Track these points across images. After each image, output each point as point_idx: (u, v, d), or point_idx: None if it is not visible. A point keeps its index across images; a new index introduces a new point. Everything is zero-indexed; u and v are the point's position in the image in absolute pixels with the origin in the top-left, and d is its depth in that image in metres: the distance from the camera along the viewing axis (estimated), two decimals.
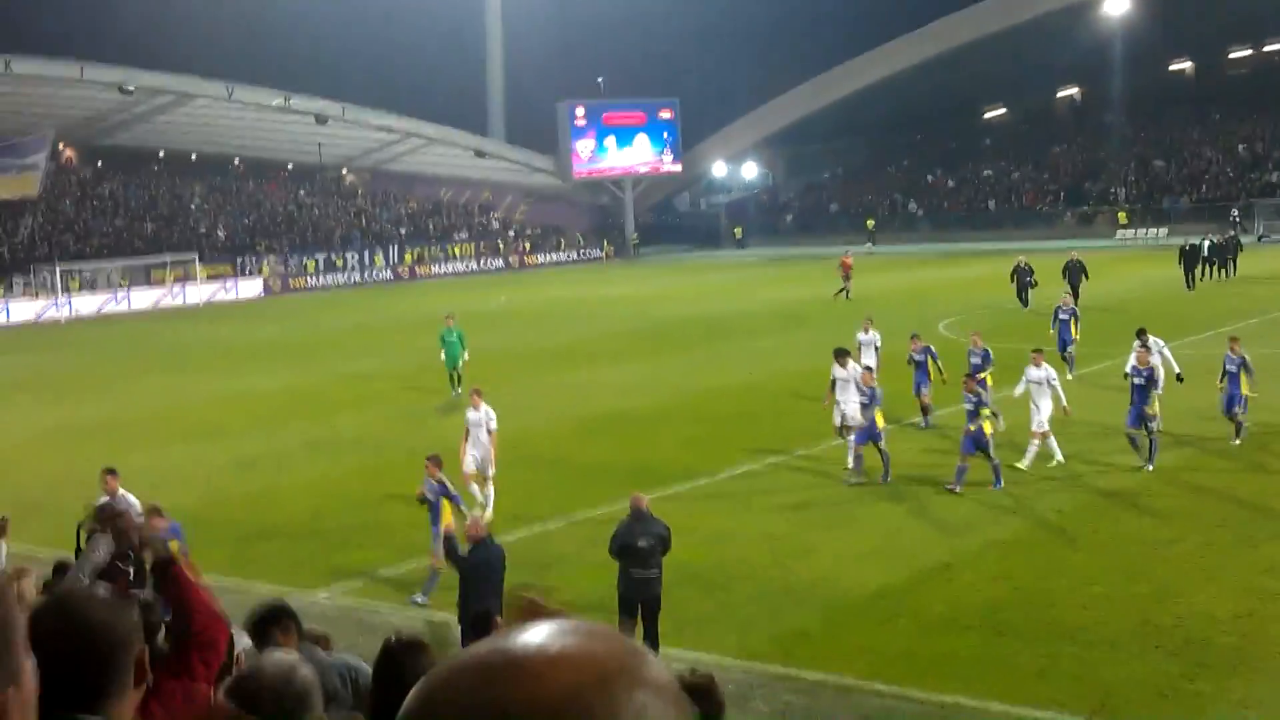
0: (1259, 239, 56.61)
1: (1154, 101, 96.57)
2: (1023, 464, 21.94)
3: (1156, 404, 22.00)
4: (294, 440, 28.83)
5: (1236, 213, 74.77)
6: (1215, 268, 53.30)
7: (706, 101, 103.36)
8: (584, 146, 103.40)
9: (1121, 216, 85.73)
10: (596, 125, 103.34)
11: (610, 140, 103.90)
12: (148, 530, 5.87)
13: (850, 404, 22.86)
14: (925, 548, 18.27)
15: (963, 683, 13.39)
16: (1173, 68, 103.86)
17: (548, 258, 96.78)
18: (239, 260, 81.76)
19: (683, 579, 17.35)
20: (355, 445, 28.09)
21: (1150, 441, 21.74)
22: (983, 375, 24.10)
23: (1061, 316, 31.83)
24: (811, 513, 20.30)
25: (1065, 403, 22.66)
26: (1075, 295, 43.32)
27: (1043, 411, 22.30)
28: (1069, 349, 31.03)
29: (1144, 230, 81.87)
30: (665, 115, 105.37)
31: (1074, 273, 45.12)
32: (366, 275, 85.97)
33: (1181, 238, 58.41)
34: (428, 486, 17.71)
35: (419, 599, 17.14)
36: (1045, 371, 22.73)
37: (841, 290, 53.54)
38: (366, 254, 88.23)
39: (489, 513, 20.55)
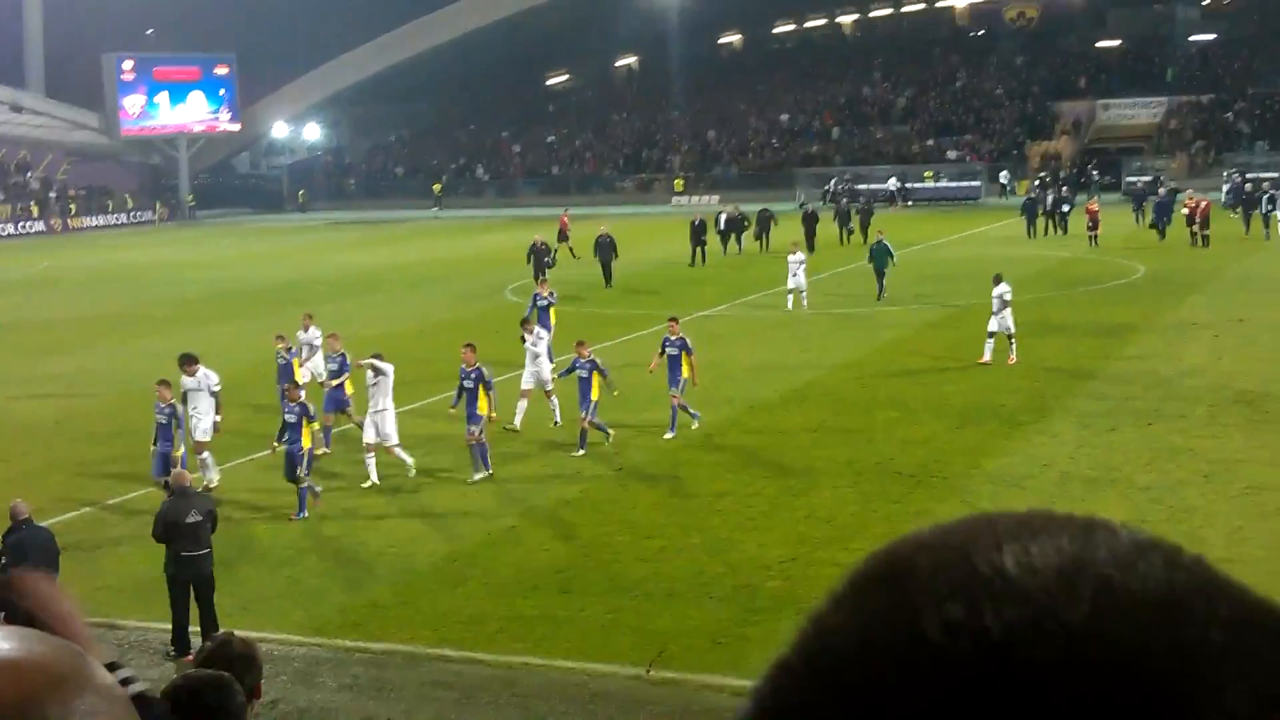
0: (799, 206, 60.24)
1: (706, 72, 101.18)
2: (369, 480, 19.88)
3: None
4: None
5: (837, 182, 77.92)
6: (732, 240, 51.70)
7: (266, 58, 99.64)
8: (133, 103, 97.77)
9: (678, 184, 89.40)
10: (147, 80, 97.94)
11: (162, 96, 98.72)
12: None
13: (205, 416, 20.14)
14: (493, 511, 18.45)
15: (531, 643, 13.63)
16: (722, 40, 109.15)
17: (95, 220, 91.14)
18: None
19: (245, 557, 16.83)
20: None
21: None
22: (338, 382, 22.18)
23: (540, 303, 29.14)
24: (379, 482, 20.02)
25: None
26: (607, 274, 42.49)
27: (386, 421, 20.02)
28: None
29: (698, 197, 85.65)
30: (221, 71, 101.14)
31: (604, 250, 43.10)
32: None
33: (733, 204, 61.29)
34: None
35: None
36: (385, 370, 20.25)
37: (557, 249, 48.88)
38: None
39: None
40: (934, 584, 0.72)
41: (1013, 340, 26.95)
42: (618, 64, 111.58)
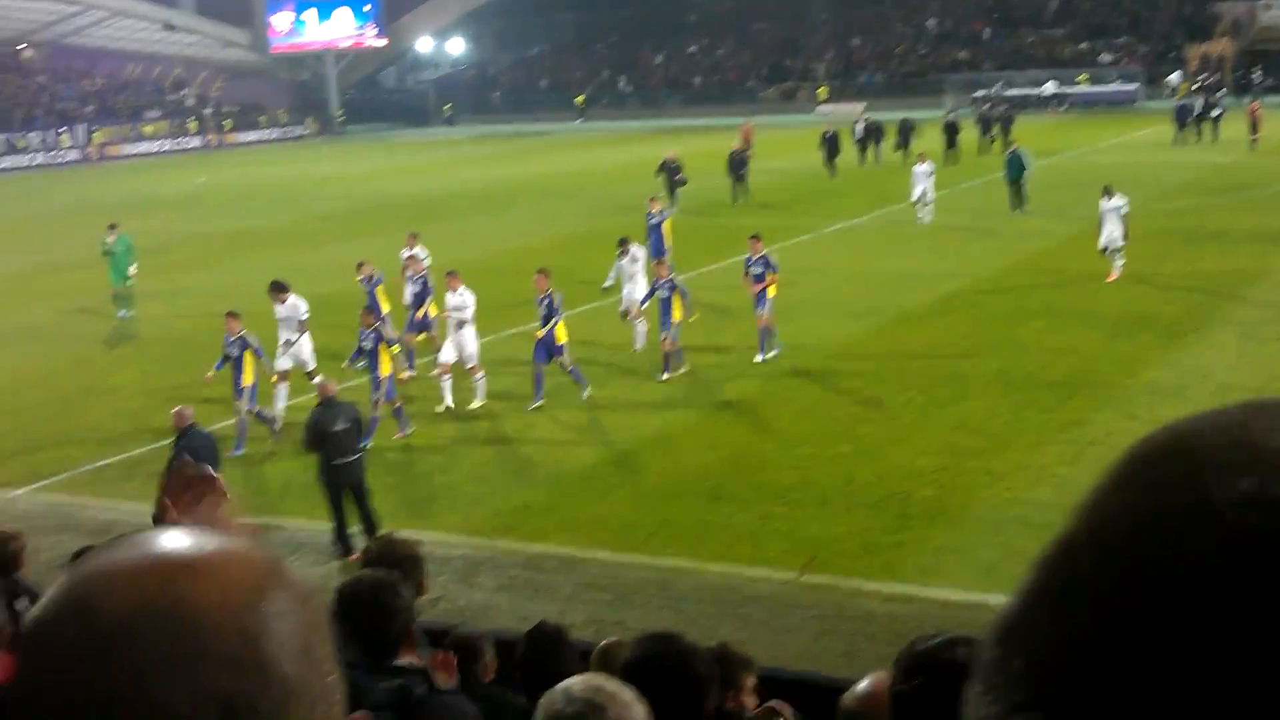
0: (953, 112, 58.81)
1: None
2: (475, 402, 19.59)
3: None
4: None
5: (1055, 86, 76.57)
6: (869, 152, 50.19)
7: None
8: (281, 20, 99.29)
9: (821, 92, 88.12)
10: None
11: (310, 13, 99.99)
12: None
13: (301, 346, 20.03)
14: (640, 420, 18.61)
15: (682, 547, 13.80)
16: None
17: (249, 136, 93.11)
18: None
19: (401, 461, 17.28)
20: (46, 339, 26.67)
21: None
22: (423, 311, 21.81)
23: (652, 221, 28.43)
24: (529, 390, 20.20)
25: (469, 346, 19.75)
26: (736, 190, 41.32)
27: (468, 345, 19.71)
28: (664, 257, 25.90)
29: (843, 105, 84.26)
30: None
31: (735, 165, 41.93)
32: (52, 157, 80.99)
33: (878, 113, 60.20)
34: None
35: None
36: (462, 297, 19.81)
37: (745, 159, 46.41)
38: (51, 135, 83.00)
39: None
40: (1222, 460, 0.74)
41: (1117, 254, 25.99)
42: None
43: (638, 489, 15.76)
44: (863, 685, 3.95)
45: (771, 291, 21.37)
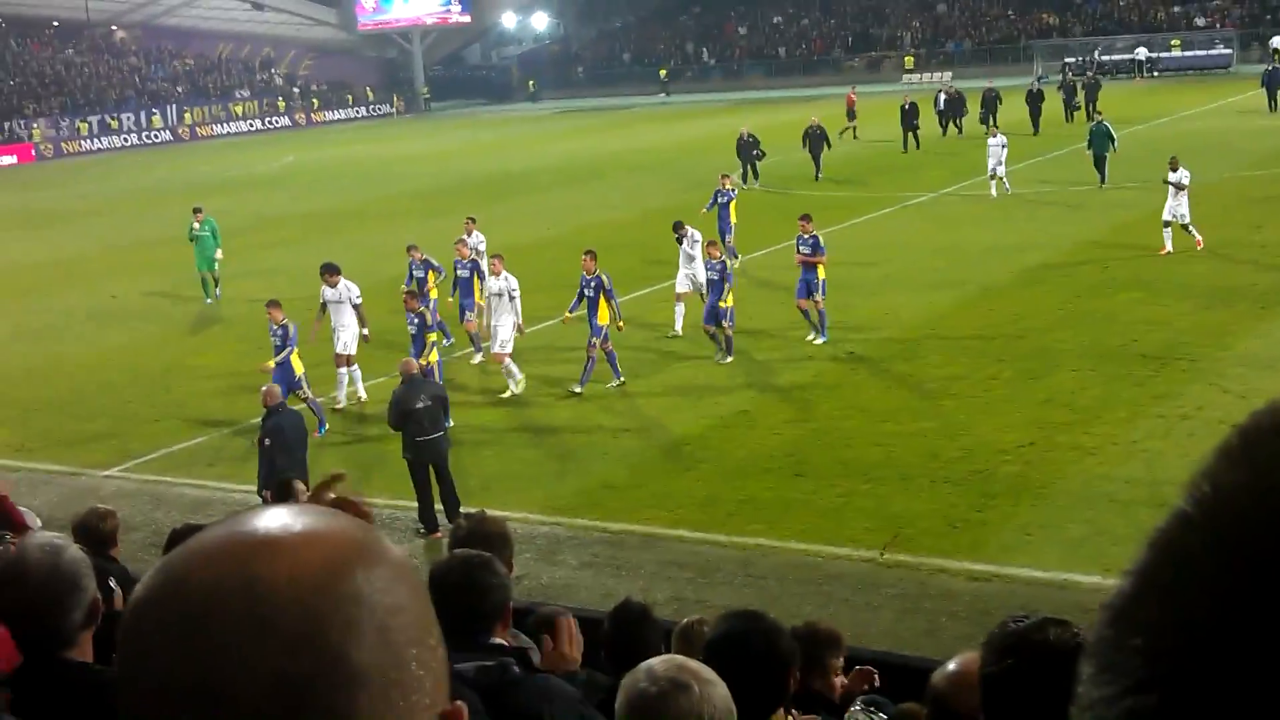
0: (1037, 80, 57.73)
1: None
2: (514, 388, 19.19)
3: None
4: (72, 312, 27.72)
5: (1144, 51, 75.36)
6: (950, 123, 49.01)
7: None
8: None
9: (908, 61, 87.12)
10: None
11: None
12: None
13: (347, 329, 19.66)
14: (719, 399, 18.53)
15: (764, 524, 13.76)
16: None
17: (336, 115, 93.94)
18: (5, 125, 77.32)
19: (484, 439, 17.40)
20: (135, 317, 27.17)
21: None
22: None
23: (721, 199, 27.50)
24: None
25: (520, 320, 19.49)
26: (817, 166, 40.23)
27: (502, 331, 19.25)
28: (728, 238, 26.37)
29: (929, 75, 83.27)
30: None
31: (815, 141, 40.46)
32: (144, 137, 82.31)
33: (966, 81, 59.40)
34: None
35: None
36: (506, 281, 19.34)
37: (846, 129, 47.83)
38: (143, 115, 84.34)
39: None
40: None
41: (1189, 228, 25.40)
42: None
43: (718, 467, 15.73)
44: (952, 666, 3.91)
45: (822, 273, 20.90)
